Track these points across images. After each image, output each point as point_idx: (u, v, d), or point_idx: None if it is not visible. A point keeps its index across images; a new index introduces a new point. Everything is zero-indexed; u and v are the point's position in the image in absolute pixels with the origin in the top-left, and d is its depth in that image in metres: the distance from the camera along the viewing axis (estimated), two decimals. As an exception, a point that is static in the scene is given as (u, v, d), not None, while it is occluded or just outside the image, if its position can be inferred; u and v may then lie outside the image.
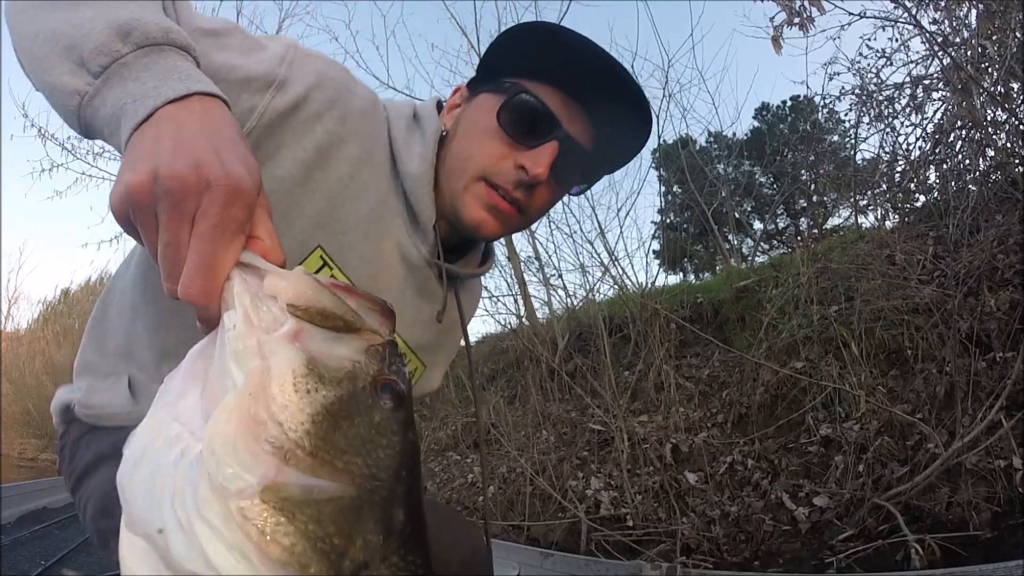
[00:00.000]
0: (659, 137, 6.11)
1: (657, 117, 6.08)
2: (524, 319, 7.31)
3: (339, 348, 0.45)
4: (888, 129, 3.61)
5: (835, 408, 3.43)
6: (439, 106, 0.96)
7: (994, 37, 3.13)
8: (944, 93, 3.29)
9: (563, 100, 0.85)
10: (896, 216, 3.78)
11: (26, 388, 19.55)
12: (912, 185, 3.54)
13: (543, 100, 0.84)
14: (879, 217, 3.93)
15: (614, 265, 6.41)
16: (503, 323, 7.54)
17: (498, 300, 7.64)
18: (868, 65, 3.54)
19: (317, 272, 0.80)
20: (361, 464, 0.42)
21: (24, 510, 5.41)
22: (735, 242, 7.30)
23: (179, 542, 0.38)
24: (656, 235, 6.91)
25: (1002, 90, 3.12)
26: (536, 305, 7.41)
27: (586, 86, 0.84)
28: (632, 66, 6.86)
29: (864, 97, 3.66)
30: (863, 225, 4.06)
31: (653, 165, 6.53)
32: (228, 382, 0.41)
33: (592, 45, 0.83)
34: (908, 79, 3.38)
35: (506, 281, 7.44)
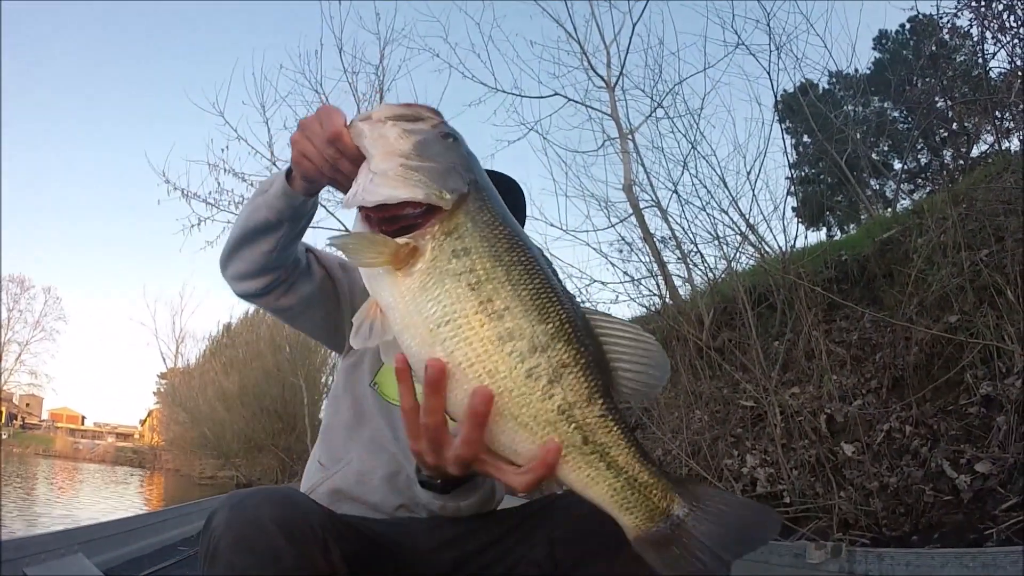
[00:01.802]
0: (775, 91, 5.80)
1: (768, 72, 5.78)
2: (667, 299, 7.25)
3: (419, 124, 0.87)
4: (1016, 40, 3.16)
5: (994, 363, 3.14)
6: None
7: None
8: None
9: None
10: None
11: (201, 415, 22.31)
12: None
13: None
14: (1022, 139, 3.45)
15: (752, 232, 6.18)
16: (647, 305, 7.55)
17: (639, 283, 7.67)
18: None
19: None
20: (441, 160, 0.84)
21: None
22: (876, 186, 6.62)
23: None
24: (791, 192, 6.50)
25: None
26: (678, 283, 7.31)
27: None
28: (733, 26, 6.56)
29: (982, 8, 3.23)
30: (1010, 149, 3.57)
31: (776, 119, 6.16)
32: (372, 154, 0.85)
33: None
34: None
35: (644, 263, 7.44)
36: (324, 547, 0.99)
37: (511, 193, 1.62)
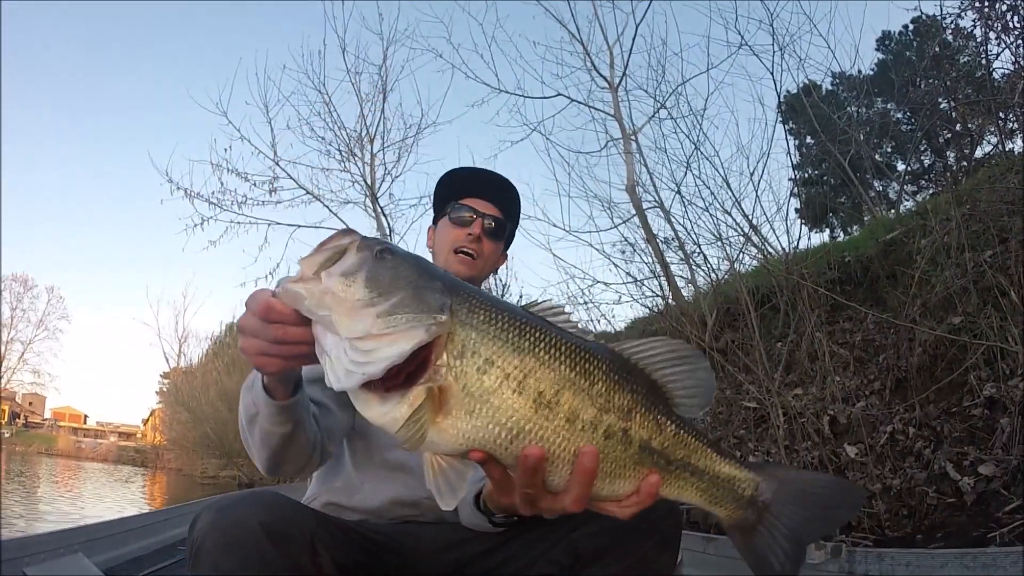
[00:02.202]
0: (778, 92, 5.80)
1: (771, 73, 5.79)
2: (670, 300, 7.24)
3: (349, 258, 0.76)
4: (1020, 41, 3.14)
5: (998, 365, 3.12)
6: None
7: None
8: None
9: (474, 199, 1.58)
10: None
11: (203, 414, 22.16)
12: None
13: (465, 203, 1.57)
14: (1027, 141, 3.45)
15: (755, 233, 6.17)
16: (649, 306, 7.55)
17: (642, 284, 7.66)
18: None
19: None
20: (402, 286, 0.76)
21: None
22: (880, 188, 6.59)
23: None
24: (794, 193, 6.48)
25: None
26: (680, 284, 7.30)
27: (479, 187, 1.60)
28: (736, 27, 6.58)
29: (986, 9, 3.21)
30: (1014, 150, 3.56)
31: (779, 120, 6.15)
32: (325, 316, 0.75)
33: (478, 169, 1.69)
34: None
35: (647, 264, 7.44)
36: (312, 550, 0.98)
37: (506, 192, 1.63)
